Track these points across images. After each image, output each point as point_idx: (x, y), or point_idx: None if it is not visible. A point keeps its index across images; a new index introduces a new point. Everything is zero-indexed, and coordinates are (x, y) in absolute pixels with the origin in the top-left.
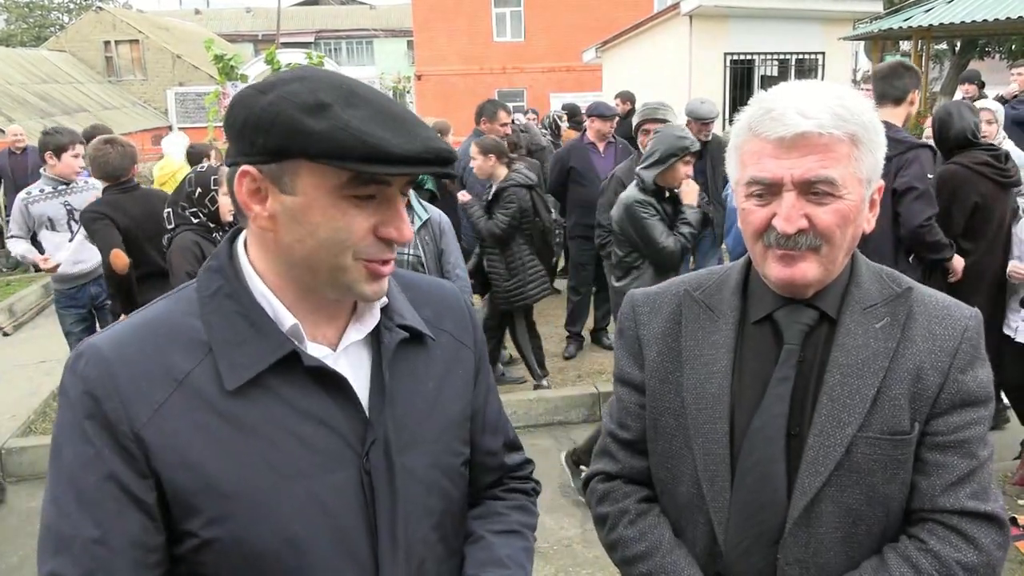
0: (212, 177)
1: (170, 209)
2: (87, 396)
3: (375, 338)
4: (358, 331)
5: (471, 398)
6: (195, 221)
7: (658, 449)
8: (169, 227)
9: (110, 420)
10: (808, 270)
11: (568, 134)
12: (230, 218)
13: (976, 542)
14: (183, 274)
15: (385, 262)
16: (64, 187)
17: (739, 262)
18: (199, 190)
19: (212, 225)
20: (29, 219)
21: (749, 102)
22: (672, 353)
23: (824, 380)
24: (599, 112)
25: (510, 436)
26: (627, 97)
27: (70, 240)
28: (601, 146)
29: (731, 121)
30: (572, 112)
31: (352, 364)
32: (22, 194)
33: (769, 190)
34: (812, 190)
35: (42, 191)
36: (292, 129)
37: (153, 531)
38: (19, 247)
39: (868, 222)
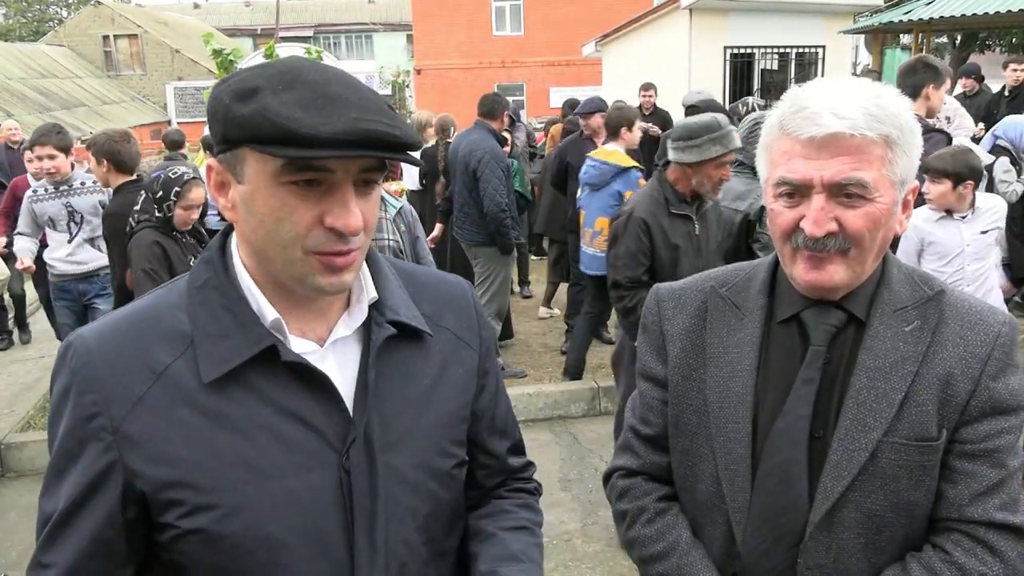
0: (175, 188)
1: (139, 206)
2: (72, 387)
3: (367, 333)
4: (347, 326)
5: (470, 399)
6: (157, 216)
7: (679, 446)
8: (134, 221)
9: (89, 412)
10: (836, 273)
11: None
12: (185, 228)
13: (1002, 555)
14: (140, 272)
15: (339, 254)
16: (66, 188)
17: (766, 259)
18: (160, 193)
19: (171, 226)
20: (35, 217)
21: (782, 97)
22: (696, 350)
23: (850, 383)
24: (586, 110)
25: (516, 439)
26: (649, 87)
27: (69, 241)
28: (599, 141)
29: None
30: (573, 107)
31: (339, 360)
32: (29, 192)
33: (798, 191)
34: (843, 192)
35: (46, 190)
36: (225, 116)
37: (109, 527)
38: (19, 243)
39: (901, 224)
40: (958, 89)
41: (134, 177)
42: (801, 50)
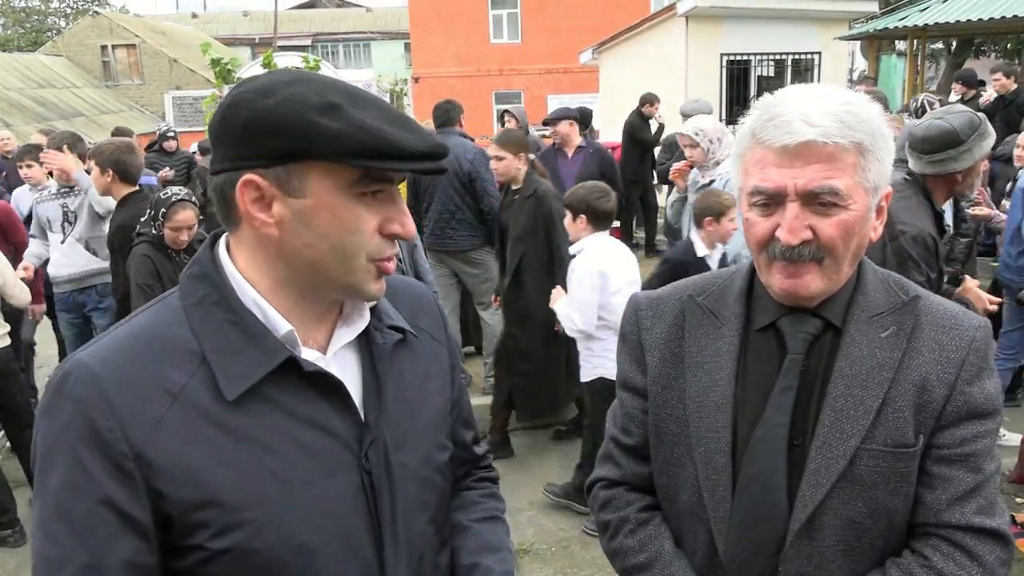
0: (163, 209)
1: (143, 219)
2: (79, 417)
3: (363, 339)
4: (348, 333)
5: (450, 394)
6: (153, 233)
7: (660, 456)
8: (135, 235)
9: (105, 440)
10: (811, 281)
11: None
12: (178, 247)
13: (980, 559)
14: (134, 285)
15: (389, 259)
16: (67, 189)
17: (743, 267)
18: (152, 211)
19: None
20: (38, 219)
21: (753, 106)
22: (675, 359)
23: (828, 390)
24: (552, 116)
25: (476, 428)
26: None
27: (61, 242)
28: (569, 151)
29: (728, 123)
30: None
31: (342, 366)
32: (35, 194)
33: (772, 200)
34: (816, 200)
35: (51, 192)
36: (308, 130)
37: (147, 552)
38: (31, 248)
39: (875, 230)
40: (954, 96)
41: (137, 188)
42: (797, 57)
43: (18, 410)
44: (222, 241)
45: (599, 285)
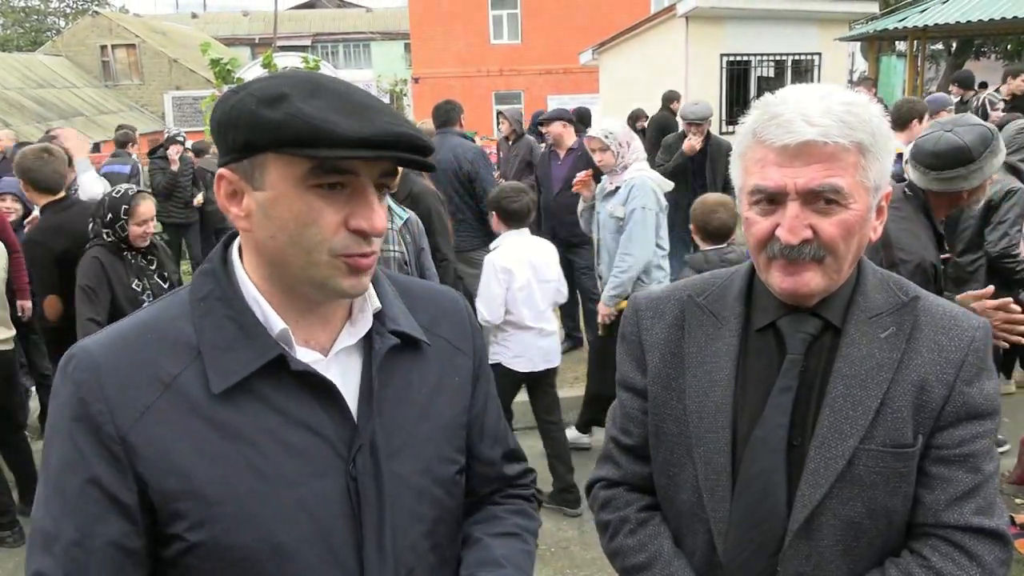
0: (123, 206)
1: (91, 223)
2: (75, 399)
3: (368, 343)
4: (351, 336)
5: (467, 405)
6: (107, 239)
7: (660, 456)
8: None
9: (96, 423)
10: (812, 280)
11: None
12: (143, 244)
13: (979, 559)
14: (78, 288)
15: (364, 255)
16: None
17: (743, 267)
18: (110, 215)
19: (123, 245)
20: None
21: (754, 105)
22: (675, 359)
23: (827, 391)
24: (546, 116)
25: (511, 446)
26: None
27: None
28: (561, 152)
29: (728, 123)
30: (580, 117)
31: (343, 369)
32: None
33: (773, 199)
34: (817, 199)
35: None
36: (251, 122)
37: (134, 535)
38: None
39: (875, 230)
40: (953, 98)
41: (60, 196)
42: (797, 57)
43: (13, 413)
44: (236, 239)
45: (504, 280)
